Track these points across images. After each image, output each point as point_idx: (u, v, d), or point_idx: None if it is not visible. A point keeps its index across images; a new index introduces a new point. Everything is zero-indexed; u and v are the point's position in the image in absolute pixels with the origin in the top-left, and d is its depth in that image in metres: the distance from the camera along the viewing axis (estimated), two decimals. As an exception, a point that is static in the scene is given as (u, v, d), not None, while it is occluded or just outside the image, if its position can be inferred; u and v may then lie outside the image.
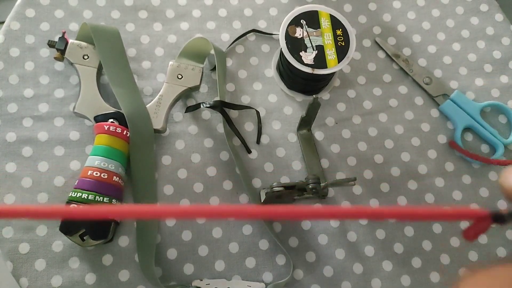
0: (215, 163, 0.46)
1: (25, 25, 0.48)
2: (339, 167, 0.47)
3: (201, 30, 0.51)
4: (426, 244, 0.45)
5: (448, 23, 0.54)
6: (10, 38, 0.48)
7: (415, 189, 0.47)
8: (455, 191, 0.48)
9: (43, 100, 0.46)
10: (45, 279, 0.41)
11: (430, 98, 0.51)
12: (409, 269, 0.45)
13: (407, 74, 0.51)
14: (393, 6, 0.54)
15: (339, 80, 0.50)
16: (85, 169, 0.41)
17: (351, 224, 0.45)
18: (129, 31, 0.50)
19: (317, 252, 0.44)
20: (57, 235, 0.42)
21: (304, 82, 0.47)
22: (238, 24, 0.51)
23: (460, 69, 0.52)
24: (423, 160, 0.48)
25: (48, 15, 0.49)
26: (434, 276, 0.45)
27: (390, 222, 0.46)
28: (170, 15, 0.51)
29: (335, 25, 0.45)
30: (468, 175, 0.48)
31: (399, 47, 0.52)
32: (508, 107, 0.50)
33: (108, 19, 0.50)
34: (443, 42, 0.53)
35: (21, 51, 0.47)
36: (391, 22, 0.53)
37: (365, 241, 0.45)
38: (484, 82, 0.52)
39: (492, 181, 0.48)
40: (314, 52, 0.44)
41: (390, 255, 0.45)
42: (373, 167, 0.48)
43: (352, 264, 0.44)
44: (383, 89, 0.50)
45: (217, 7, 0.52)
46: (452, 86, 0.51)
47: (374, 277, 0.44)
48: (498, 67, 0.53)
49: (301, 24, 0.45)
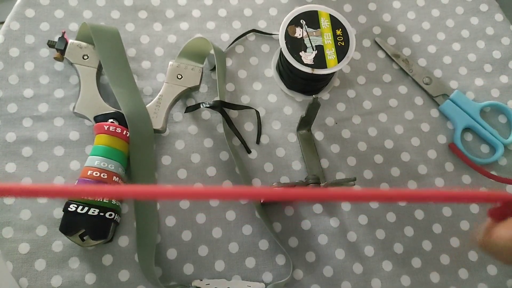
0: (215, 163, 0.46)
1: (25, 25, 0.48)
2: (339, 167, 0.47)
3: (201, 30, 0.51)
4: (426, 244, 0.45)
5: (448, 23, 0.54)
6: (10, 38, 0.47)
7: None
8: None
9: (43, 100, 0.46)
10: (45, 279, 0.41)
11: (430, 98, 0.51)
12: (409, 269, 0.45)
13: (407, 74, 0.51)
14: (393, 6, 0.54)
15: (339, 80, 0.50)
16: (85, 169, 0.41)
17: (351, 224, 0.45)
18: (129, 31, 0.50)
19: (317, 252, 0.44)
20: (57, 235, 0.42)
21: (304, 82, 0.47)
22: (238, 24, 0.51)
23: (460, 69, 0.52)
24: (423, 160, 0.48)
25: (48, 15, 0.49)
26: (434, 276, 0.45)
27: (389, 222, 0.46)
28: (170, 15, 0.51)
29: (335, 25, 0.45)
30: (468, 175, 0.48)
31: (399, 47, 0.52)
32: (508, 107, 0.50)
33: (108, 19, 0.50)
34: (443, 42, 0.53)
35: (21, 51, 0.47)
36: (391, 22, 0.53)
37: (365, 241, 0.45)
38: (484, 82, 0.52)
39: (492, 181, 0.48)
40: (313, 52, 0.44)
41: (390, 255, 0.45)
42: (373, 167, 0.48)
43: (352, 264, 0.44)
44: (383, 89, 0.50)
45: (217, 7, 0.52)
46: (452, 86, 0.51)
47: (374, 277, 0.44)
48: (498, 67, 0.53)
49: (301, 24, 0.45)
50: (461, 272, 0.45)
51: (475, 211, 0.47)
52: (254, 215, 0.45)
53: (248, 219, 0.45)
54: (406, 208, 0.46)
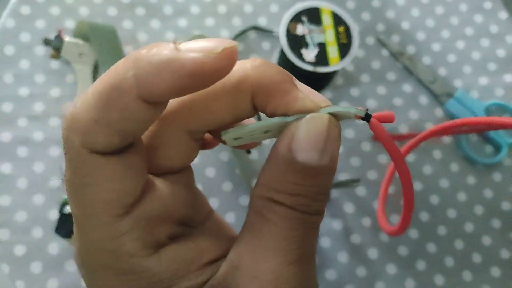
0: (215, 164, 0.45)
1: (20, 23, 0.47)
2: (342, 168, 0.46)
3: (200, 27, 0.50)
4: (430, 246, 0.45)
5: (452, 21, 0.53)
6: (5, 36, 0.46)
7: (420, 190, 0.46)
8: (460, 192, 0.47)
9: (38, 99, 0.45)
10: (41, 282, 0.40)
11: (434, 97, 0.50)
12: (414, 272, 0.44)
13: (411, 73, 0.50)
14: (396, 3, 0.53)
15: (342, 78, 0.49)
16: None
17: (355, 227, 0.44)
18: (126, 29, 0.48)
19: (320, 255, 0.43)
20: (53, 237, 0.41)
21: (306, 80, 0.46)
22: (238, 21, 0.50)
23: (464, 68, 0.51)
24: (427, 161, 0.47)
25: (44, 13, 0.48)
26: (438, 278, 0.44)
27: (394, 224, 0.45)
28: (168, 12, 0.50)
29: (337, 22, 0.44)
30: (473, 176, 0.47)
31: (403, 45, 0.51)
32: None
33: (104, 17, 0.48)
34: (447, 40, 0.52)
35: (16, 49, 0.46)
36: (394, 20, 0.52)
37: (369, 244, 0.44)
38: (488, 80, 0.51)
39: (497, 182, 0.47)
40: (315, 49, 0.43)
41: (394, 258, 0.44)
42: (377, 167, 0.47)
43: (356, 267, 0.43)
44: (387, 88, 0.50)
45: (216, 4, 0.51)
46: (456, 85, 0.51)
47: (378, 281, 0.43)
48: (502, 66, 0.52)
49: (302, 21, 0.44)
50: (465, 274, 0.44)
51: (479, 213, 0.46)
52: (255, 217, 0.44)
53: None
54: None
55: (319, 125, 0.16)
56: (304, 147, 0.16)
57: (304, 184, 0.16)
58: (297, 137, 0.16)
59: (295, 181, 0.16)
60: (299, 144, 0.16)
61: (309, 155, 0.16)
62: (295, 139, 0.16)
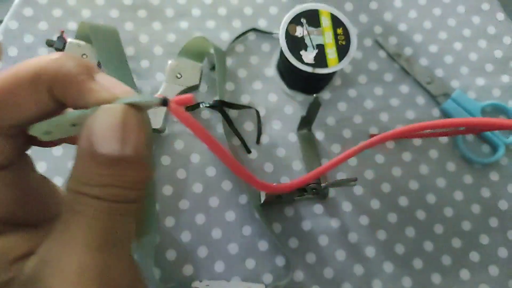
0: (215, 163, 0.46)
1: (23, 24, 0.48)
2: (339, 167, 0.47)
3: (200, 29, 0.50)
4: (427, 245, 0.45)
5: (450, 22, 0.53)
6: (8, 38, 0.47)
7: (416, 189, 0.47)
8: (456, 191, 0.47)
9: (41, 100, 0.46)
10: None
11: (431, 97, 0.50)
12: (410, 270, 0.44)
13: (408, 74, 0.51)
14: (394, 5, 0.54)
15: (340, 79, 0.50)
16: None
17: (352, 225, 0.45)
18: (128, 30, 0.49)
19: (317, 253, 0.44)
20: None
21: (305, 81, 0.47)
22: (238, 23, 0.51)
23: (461, 69, 0.52)
24: (424, 160, 0.48)
25: (46, 14, 0.49)
26: (436, 277, 0.44)
27: (391, 222, 0.45)
28: (170, 14, 0.50)
29: (335, 24, 0.45)
30: (470, 175, 0.48)
31: (400, 46, 0.52)
32: (509, 107, 0.50)
33: (106, 18, 0.49)
34: (444, 41, 0.53)
35: (19, 51, 0.47)
36: (392, 21, 0.53)
37: (366, 242, 0.45)
38: (485, 81, 0.52)
39: (493, 181, 0.48)
40: (314, 51, 0.44)
41: (391, 256, 0.45)
42: (374, 167, 0.47)
43: (353, 265, 0.44)
44: (384, 89, 0.50)
45: (217, 6, 0.51)
46: (453, 86, 0.51)
47: (375, 279, 0.44)
48: (499, 67, 0.52)
49: (302, 23, 0.45)
50: (463, 273, 0.45)
51: (476, 211, 0.47)
52: (253, 216, 0.44)
53: (248, 220, 0.44)
54: (408, 209, 0.46)
55: (113, 116, 0.17)
56: (102, 138, 0.16)
57: (114, 175, 0.17)
58: (93, 129, 0.16)
59: (100, 173, 0.16)
60: (96, 136, 0.16)
61: (109, 146, 0.16)
62: (92, 132, 0.16)
